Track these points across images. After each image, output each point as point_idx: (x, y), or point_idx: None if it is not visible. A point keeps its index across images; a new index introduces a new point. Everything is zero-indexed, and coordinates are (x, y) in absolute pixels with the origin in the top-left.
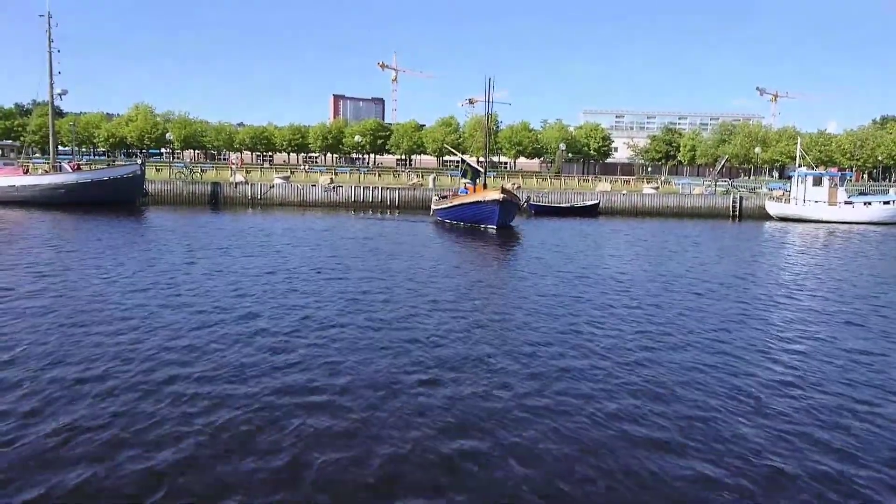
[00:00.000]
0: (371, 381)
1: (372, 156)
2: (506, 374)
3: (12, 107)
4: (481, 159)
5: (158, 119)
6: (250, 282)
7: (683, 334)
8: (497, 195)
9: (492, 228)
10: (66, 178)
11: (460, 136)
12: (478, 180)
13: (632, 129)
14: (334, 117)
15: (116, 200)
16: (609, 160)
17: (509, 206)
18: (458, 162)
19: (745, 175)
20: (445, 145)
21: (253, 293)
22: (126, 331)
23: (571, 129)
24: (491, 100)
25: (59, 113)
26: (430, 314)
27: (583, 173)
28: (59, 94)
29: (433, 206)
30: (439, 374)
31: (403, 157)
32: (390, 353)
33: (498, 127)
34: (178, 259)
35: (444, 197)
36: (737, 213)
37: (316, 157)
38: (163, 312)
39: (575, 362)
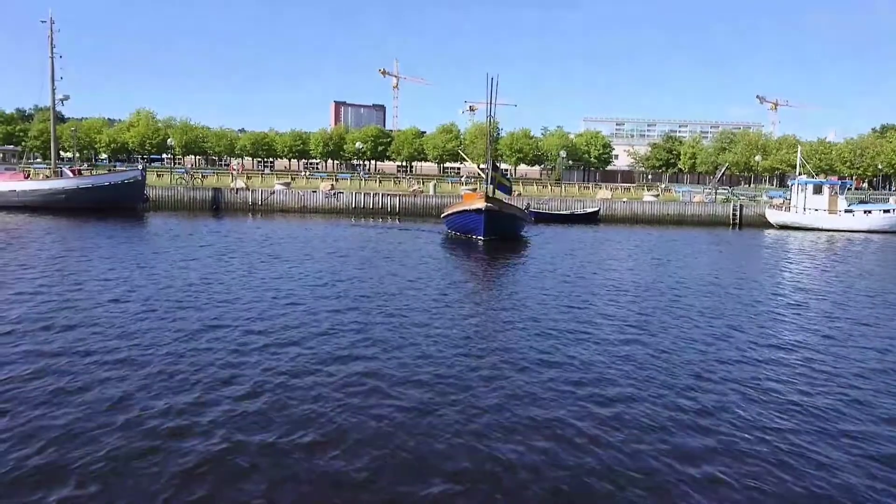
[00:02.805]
0: (451, 385)
1: (373, 162)
2: (563, 379)
3: (14, 112)
4: (482, 166)
5: (160, 125)
6: (288, 288)
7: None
8: (480, 203)
9: (480, 240)
10: (67, 183)
11: (461, 143)
12: (480, 186)
13: (632, 136)
14: (335, 124)
15: (117, 206)
16: (609, 168)
17: (498, 215)
18: (458, 168)
19: (745, 183)
20: (458, 150)
21: (290, 300)
22: (180, 340)
23: (572, 136)
24: (494, 101)
25: (60, 118)
26: (471, 322)
27: (583, 181)
28: (61, 100)
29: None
30: (512, 385)
31: (404, 163)
32: (440, 355)
33: (499, 134)
34: (200, 266)
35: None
36: (737, 221)
37: (317, 164)
38: (210, 320)
39: (626, 373)
